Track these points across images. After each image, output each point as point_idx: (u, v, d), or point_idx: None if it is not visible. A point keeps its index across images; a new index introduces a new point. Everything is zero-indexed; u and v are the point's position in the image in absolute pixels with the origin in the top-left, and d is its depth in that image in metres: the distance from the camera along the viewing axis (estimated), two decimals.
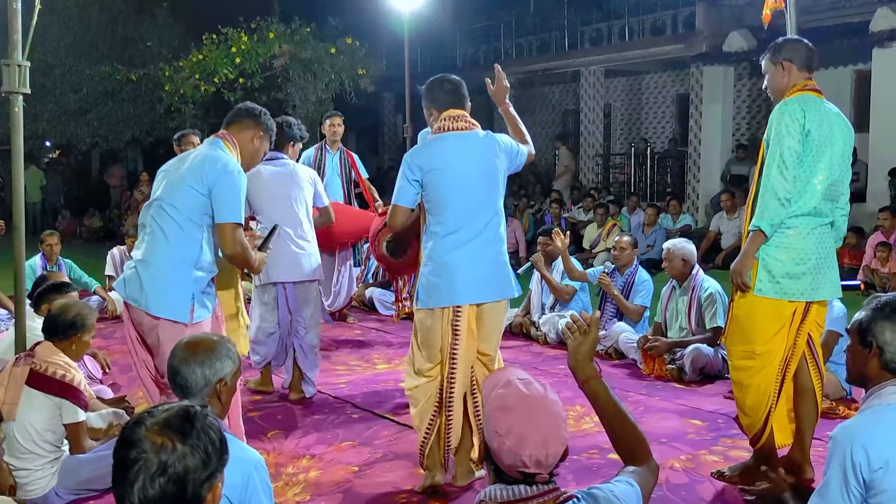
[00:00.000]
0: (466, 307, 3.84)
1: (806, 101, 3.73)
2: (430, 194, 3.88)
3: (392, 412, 5.22)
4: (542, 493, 1.99)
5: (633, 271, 6.77)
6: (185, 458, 1.65)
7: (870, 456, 2.39)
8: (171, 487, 1.63)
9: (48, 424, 3.91)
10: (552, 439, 1.99)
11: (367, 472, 4.22)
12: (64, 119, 18.27)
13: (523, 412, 2.00)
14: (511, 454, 1.97)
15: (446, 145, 3.89)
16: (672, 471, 4.15)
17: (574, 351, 2.29)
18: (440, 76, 4.09)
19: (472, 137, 3.93)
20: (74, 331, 4.15)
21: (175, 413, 1.72)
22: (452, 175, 3.82)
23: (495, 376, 2.20)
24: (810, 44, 3.90)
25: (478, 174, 3.87)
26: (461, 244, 3.83)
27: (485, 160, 3.91)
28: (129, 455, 1.65)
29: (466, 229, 3.84)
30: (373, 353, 6.88)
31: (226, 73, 15.34)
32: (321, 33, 16.12)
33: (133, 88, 17.74)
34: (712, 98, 15.04)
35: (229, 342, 2.77)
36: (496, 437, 2.00)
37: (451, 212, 3.83)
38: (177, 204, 3.60)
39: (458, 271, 3.81)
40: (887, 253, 9.64)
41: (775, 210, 3.67)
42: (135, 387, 5.90)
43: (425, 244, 3.96)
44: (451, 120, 3.94)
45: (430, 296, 3.87)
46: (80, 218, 19.37)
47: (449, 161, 3.84)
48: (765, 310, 3.79)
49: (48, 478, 3.90)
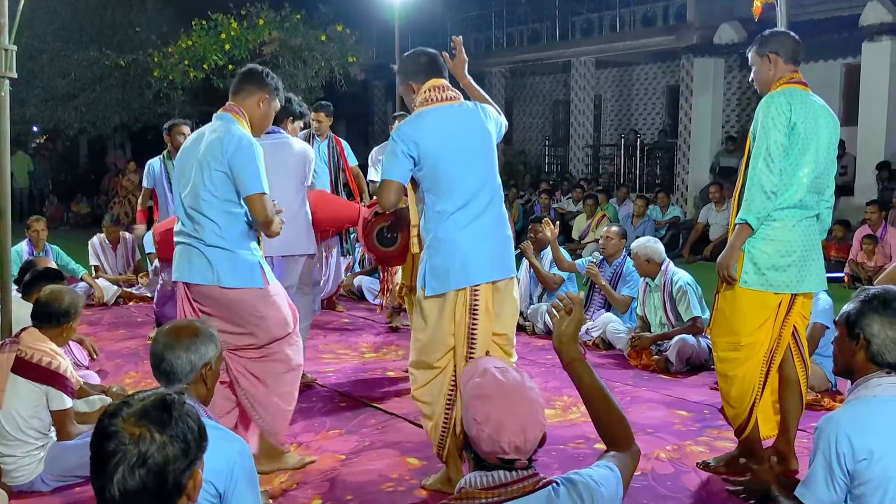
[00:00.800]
0: (483, 286, 3.62)
1: (792, 93, 3.73)
2: (429, 171, 3.60)
3: (379, 400, 5.23)
4: (521, 479, 2.01)
5: (622, 262, 6.78)
6: (164, 448, 1.64)
7: (854, 446, 2.41)
8: (151, 478, 1.62)
9: (34, 411, 3.89)
10: (530, 425, 2.01)
11: (354, 461, 4.23)
12: (51, 104, 18.14)
13: (500, 399, 2.02)
14: (490, 441, 1.99)
15: (440, 118, 3.64)
16: (658, 461, 4.16)
17: (559, 332, 2.29)
18: (413, 50, 3.85)
19: (465, 109, 3.71)
20: (67, 318, 4.12)
21: (152, 402, 1.70)
22: (452, 150, 3.58)
23: (472, 366, 2.21)
24: (797, 37, 3.90)
25: (477, 147, 3.66)
26: (469, 221, 3.60)
27: (481, 132, 3.70)
28: (107, 447, 1.63)
29: (473, 206, 3.61)
30: (360, 342, 6.88)
31: (215, 60, 15.26)
32: (311, 20, 16.05)
33: (121, 74, 17.63)
34: (702, 90, 15.07)
35: (213, 327, 2.76)
36: (475, 424, 2.01)
37: (456, 188, 3.59)
38: (211, 189, 3.65)
39: (471, 250, 3.58)
40: (873, 246, 9.69)
41: (762, 203, 3.68)
42: (122, 373, 5.89)
43: (427, 227, 3.67)
44: (436, 90, 3.69)
45: (442, 279, 3.61)
46: (68, 204, 19.28)
47: (446, 135, 3.60)
48: (750, 301, 3.80)
49: (34, 464, 3.89)
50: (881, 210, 10.16)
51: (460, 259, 3.58)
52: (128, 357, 6.38)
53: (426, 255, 3.68)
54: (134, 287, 9.03)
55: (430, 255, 3.65)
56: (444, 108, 3.66)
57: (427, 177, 3.62)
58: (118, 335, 7.22)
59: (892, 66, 12.41)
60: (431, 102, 3.68)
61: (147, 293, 8.69)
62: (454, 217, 3.59)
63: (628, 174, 17.11)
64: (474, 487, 2.02)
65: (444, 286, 3.61)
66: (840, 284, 9.65)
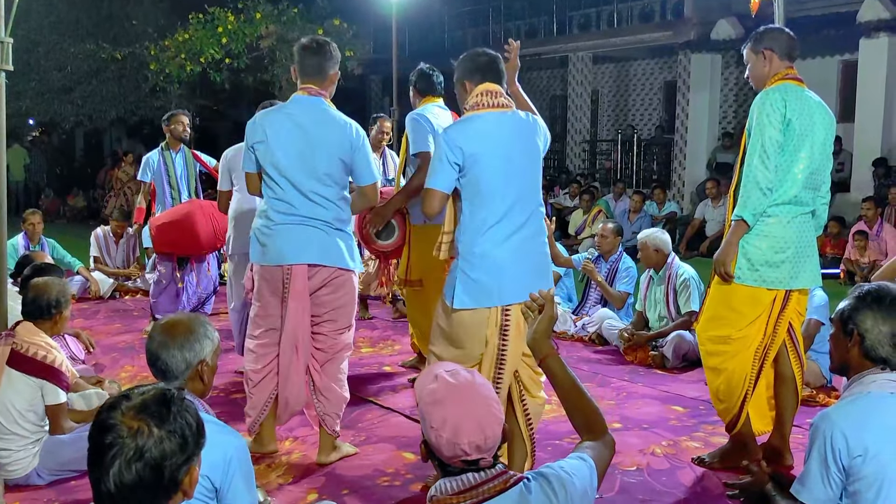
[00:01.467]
0: (515, 306, 3.42)
1: (787, 90, 3.73)
2: (470, 180, 3.44)
3: (376, 396, 5.23)
4: (491, 478, 2.01)
5: (618, 258, 6.79)
6: (161, 443, 1.64)
7: (849, 443, 2.41)
8: (147, 472, 1.62)
9: (29, 405, 3.88)
10: (487, 422, 2.01)
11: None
12: (48, 97, 18.11)
13: (454, 401, 2.02)
14: (450, 445, 1.99)
15: (488, 125, 3.48)
16: (653, 456, 4.17)
17: (532, 329, 2.34)
18: (476, 49, 3.71)
19: (515, 118, 3.56)
20: (58, 309, 4.12)
21: (151, 397, 1.70)
22: (497, 160, 3.43)
23: (425, 375, 2.21)
24: (792, 33, 3.90)
25: (522, 159, 3.50)
26: (507, 236, 3.45)
27: (528, 144, 3.55)
28: (104, 440, 1.63)
29: (511, 219, 3.46)
30: (357, 337, 6.84)
31: (212, 53, 15.23)
32: (309, 14, 16.02)
33: (118, 67, 17.59)
34: (699, 86, 15.07)
35: (207, 322, 2.75)
36: (432, 431, 2.01)
37: (496, 200, 3.43)
38: (331, 173, 3.89)
39: (506, 268, 3.42)
40: (864, 242, 9.71)
41: (758, 199, 3.69)
42: (118, 367, 5.89)
43: (463, 237, 3.50)
44: (488, 96, 3.53)
45: (475, 295, 3.45)
46: (64, 197, 19.25)
47: (493, 144, 3.44)
48: (741, 296, 3.81)
49: (30, 458, 3.89)
50: (877, 207, 10.18)
51: (495, 276, 3.43)
52: (124, 351, 6.37)
53: (460, 265, 3.49)
54: (130, 281, 9.02)
55: (465, 268, 3.47)
56: (493, 115, 3.51)
57: (468, 185, 3.46)
58: (114, 329, 7.22)
59: (889, 63, 12.41)
60: (481, 108, 3.52)
61: (143, 286, 8.69)
62: (492, 231, 3.44)
63: (625, 170, 17.12)
64: (445, 494, 2.01)
65: (475, 302, 3.45)
66: (836, 281, 9.67)
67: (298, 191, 3.86)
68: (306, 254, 3.88)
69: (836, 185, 13.17)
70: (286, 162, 3.85)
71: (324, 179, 3.88)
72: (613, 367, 5.96)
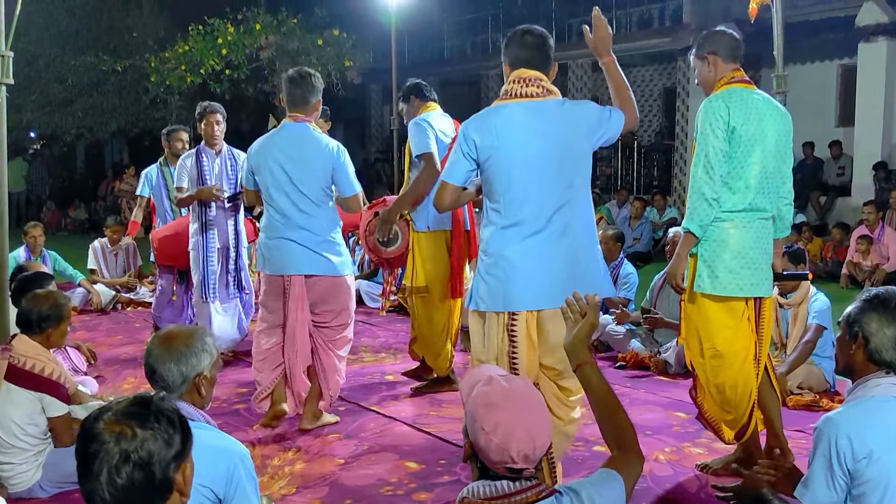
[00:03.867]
0: (523, 313, 3.24)
1: (731, 95, 3.65)
2: (488, 175, 3.25)
3: (378, 405, 5.22)
4: (525, 489, 1.99)
5: (619, 264, 6.78)
6: (146, 443, 1.65)
7: (854, 446, 2.41)
8: (137, 473, 1.63)
9: (30, 418, 3.87)
10: (538, 433, 1.99)
11: (353, 465, 4.22)
12: (48, 109, 18.12)
13: (508, 407, 1.99)
14: (499, 450, 1.96)
15: (511, 117, 3.22)
16: (657, 463, 4.16)
17: (571, 334, 2.30)
18: (523, 26, 3.41)
19: (545, 108, 3.23)
20: (49, 323, 4.02)
21: (130, 402, 1.73)
22: (515, 154, 3.19)
23: (473, 374, 2.19)
24: (735, 34, 3.82)
25: (548, 153, 3.20)
26: (522, 238, 3.21)
27: (559, 136, 3.22)
28: (89, 450, 1.65)
29: (531, 221, 3.20)
30: (359, 346, 6.87)
31: (212, 65, 15.27)
32: (308, 24, 16.06)
33: (118, 79, 17.62)
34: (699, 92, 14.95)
35: (206, 334, 2.73)
36: (482, 433, 1.98)
37: (512, 199, 3.21)
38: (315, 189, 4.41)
39: (517, 271, 3.19)
40: (867, 245, 9.70)
41: (704, 211, 3.62)
42: (120, 379, 5.89)
43: (483, 235, 3.35)
44: (520, 83, 3.25)
45: (483, 297, 3.30)
46: (65, 209, 19.26)
47: (512, 137, 3.19)
48: (713, 306, 3.73)
49: (32, 471, 3.88)
50: (878, 210, 10.16)
51: (503, 279, 3.23)
52: (126, 363, 6.37)
53: (479, 261, 3.39)
54: (132, 292, 9.02)
55: (479, 269, 3.36)
56: (518, 106, 3.24)
57: (485, 180, 3.29)
58: (116, 341, 7.22)
59: (887, 67, 12.43)
60: (510, 96, 3.27)
61: (146, 298, 8.69)
62: (505, 231, 3.24)
63: (625, 176, 17.12)
64: (477, 497, 2.00)
65: (483, 304, 3.31)
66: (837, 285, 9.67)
67: (290, 207, 4.42)
68: (302, 266, 4.46)
69: (837, 190, 13.20)
70: (276, 185, 4.41)
71: (310, 195, 4.40)
72: (616, 373, 5.95)
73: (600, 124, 3.31)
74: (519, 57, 3.31)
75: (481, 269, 3.34)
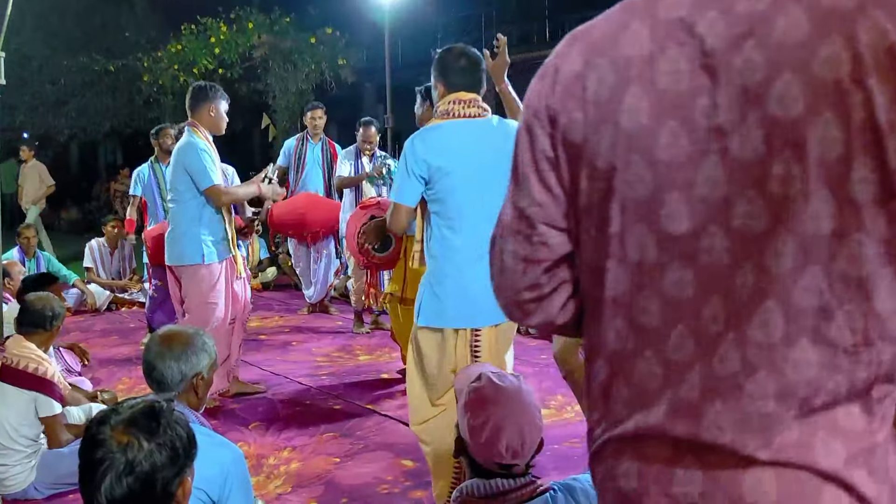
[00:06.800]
0: (487, 329, 3.30)
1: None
2: (439, 195, 3.28)
3: (373, 403, 5.22)
4: (520, 487, 1.99)
5: None
6: (151, 456, 1.64)
7: None
8: (138, 486, 1.62)
9: (24, 419, 3.86)
10: (528, 430, 2.00)
11: (349, 464, 4.22)
12: (41, 110, 18.08)
13: (498, 404, 2.00)
14: (487, 447, 1.97)
15: (457, 137, 3.28)
16: None
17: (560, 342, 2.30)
18: (457, 47, 3.42)
19: (486, 127, 3.32)
20: (58, 321, 4.14)
21: (141, 410, 1.70)
22: (466, 174, 3.23)
23: (466, 372, 2.19)
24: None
25: (493, 172, 3.19)
26: (480, 256, 3.08)
27: (499, 155, 3.17)
28: (94, 455, 1.63)
29: (483, 239, 3.28)
30: (354, 345, 6.87)
31: (205, 64, 15.23)
32: (301, 23, 16.03)
33: (111, 79, 17.57)
34: None
35: (205, 335, 2.74)
36: (472, 430, 1.99)
37: (466, 218, 3.24)
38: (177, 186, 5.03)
39: (477, 288, 3.17)
40: None
41: None
42: (115, 380, 5.87)
43: (433, 252, 3.34)
44: (460, 104, 3.31)
45: (441, 315, 3.30)
46: (59, 210, 19.20)
47: (460, 157, 3.24)
48: None
49: (26, 473, 3.87)
50: None
51: (462, 298, 3.25)
52: (120, 363, 6.35)
53: (426, 281, 3.36)
54: (127, 293, 8.99)
55: (432, 284, 3.32)
56: (462, 125, 3.30)
57: (436, 198, 3.29)
58: (111, 341, 7.20)
59: None
60: (451, 116, 3.31)
61: (140, 298, 8.67)
62: (461, 249, 3.25)
63: None
64: (472, 496, 2.00)
65: (441, 321, 3.30)
66: None
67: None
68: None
69: None
70: None
71: (173, 192, 5.12)
72: None
73: None
74: (456, 83, 3.35)
75: (434, 284, 3.31)
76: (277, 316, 8.12)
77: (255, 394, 5.40)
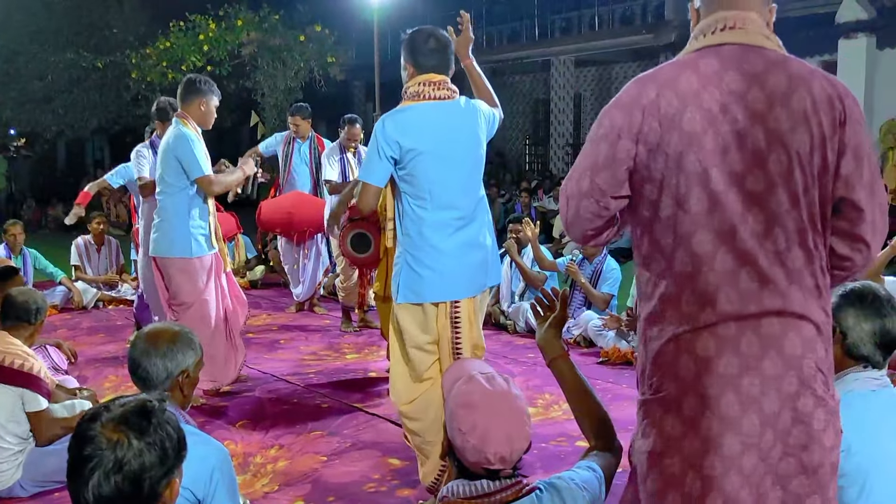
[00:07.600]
0: (465, 300, 3.44)
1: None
2: (411, 176, 3.36)
3: (361, 402, 5.22)
4: (504, 488, 1.98)
5: (602, 260, 6.80)
6: (141, 455, 1.63)
7: None
8: (126, 485, 1.61)
9: (11, 416, 3.84)
10: (516, 436, 1.98)
11: (336, 462, 4.22)
12: (29, 107, 17.99)
13: (487, 409, 1.98)
14: (475, 451, 1.95)
15: (427, 118, 3.37)
16: None
17: (543, 329, 2.30)
18: (426, 29, 3.52)
19: (455, 108, 3.43)
20: (42, 315, 4.13)
21: (132, 408, 1.69)
22: (438, 155, 3.33)
23: (456, 370, 2.17)
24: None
25: (463, 152, 3.41)
26: (453, 232, 3.39)
27: (469, 135, 3.45)
28: (83, 451, 1.62)
29: (457, 215, 3.39)
30: (342, 343, 6.86)
31: (193, 61, 15.20)
32: (290, 21, 16.01)
33: (99, 76, 17.51)
34: None
35: (192, 334, 2.73)
36: (459, 434, 1.97)
37: (440, 196, 3.36)
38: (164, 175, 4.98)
39: (454, 262, 3.37)
40: None
41: None
42: (101, 378, 5.85)
43: (407, 230, 3.42)
44: (430, 86, 3.40)
45: (418, 290, 3.40)
46: (46, 207, 19.12)
47: (432, 138, 3.33)
48: None
49: (13, 470, 3.85)
50: None
51: (440, 272, 3.37)
52: (107, 361, 6.33)
53: (401, 260, 3.45)
54: (114, 290, 8.95)
55: (408, 262, 3.41)
56: (432, 107, 3.40)
57: (408, 178, 3.37)
58: (98, 339, 7.17)
59: (867, 63, 12.51)
60: (422, 98, 3.41)
61: (127, 296, 8.63)
62: (435, 226, 3.37)
63: None
64: (457, 497, 1.99)
65: (419, 297, 3.41)
66: None
67: None
68: None
69: None
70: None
71: (161, 184, 5.03)
72: (599, 368, 5.96)
73: (489, 121, 3.60)
74: (425, 65, 3.44)
75: (409, 262, 3.41)
76: (265, 314, 8.10)
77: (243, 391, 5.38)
